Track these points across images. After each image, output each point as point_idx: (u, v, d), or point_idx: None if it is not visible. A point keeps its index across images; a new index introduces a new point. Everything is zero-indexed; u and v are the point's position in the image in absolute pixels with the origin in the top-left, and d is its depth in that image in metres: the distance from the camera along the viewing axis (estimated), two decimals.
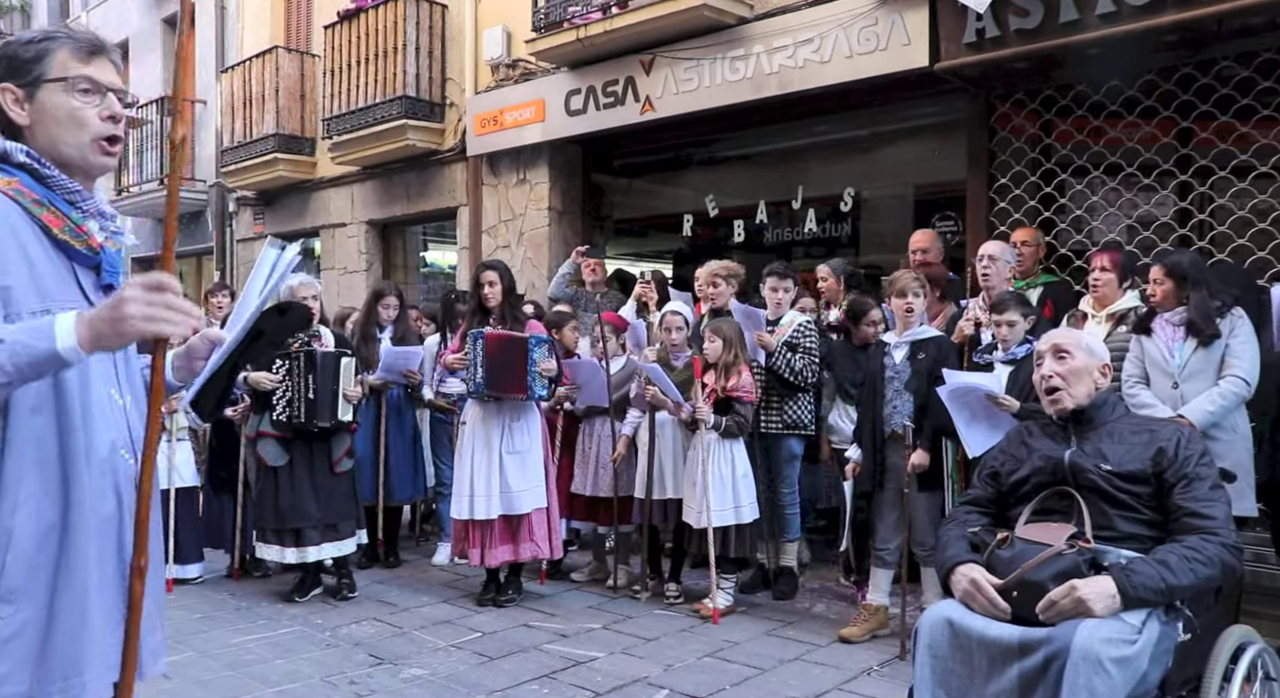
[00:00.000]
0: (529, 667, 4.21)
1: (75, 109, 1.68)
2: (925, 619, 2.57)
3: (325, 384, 5.19)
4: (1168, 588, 2.33)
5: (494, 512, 5.09)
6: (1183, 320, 4.03)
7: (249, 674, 4.14)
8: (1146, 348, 4.12)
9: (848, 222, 7.20)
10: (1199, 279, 4.03)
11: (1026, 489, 2.77)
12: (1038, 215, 5.72)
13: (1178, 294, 4.06)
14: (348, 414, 5.31)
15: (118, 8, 14.23)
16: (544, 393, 5.09)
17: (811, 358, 5.24)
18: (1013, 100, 5.83)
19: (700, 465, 4.89)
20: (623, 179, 8.72)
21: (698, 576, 5.52)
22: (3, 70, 1.67)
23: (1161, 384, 4.05)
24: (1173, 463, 2.55)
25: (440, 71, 8.92)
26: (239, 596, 5.47)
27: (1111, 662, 2.19)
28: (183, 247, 13.01)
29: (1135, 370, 4.15)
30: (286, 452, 5.27)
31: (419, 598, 5.39)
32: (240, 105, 10.72)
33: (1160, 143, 5.30)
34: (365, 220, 10.07)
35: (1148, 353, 4.12)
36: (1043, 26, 5.05)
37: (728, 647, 4.47)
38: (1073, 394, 2.77)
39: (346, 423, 5.33)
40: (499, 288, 5.16)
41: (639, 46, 7.08)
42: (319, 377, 5.17)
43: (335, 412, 5.23)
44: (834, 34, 6.05)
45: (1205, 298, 3.99)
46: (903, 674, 4.02)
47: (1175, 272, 4.06)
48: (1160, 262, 4.16)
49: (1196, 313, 3.98)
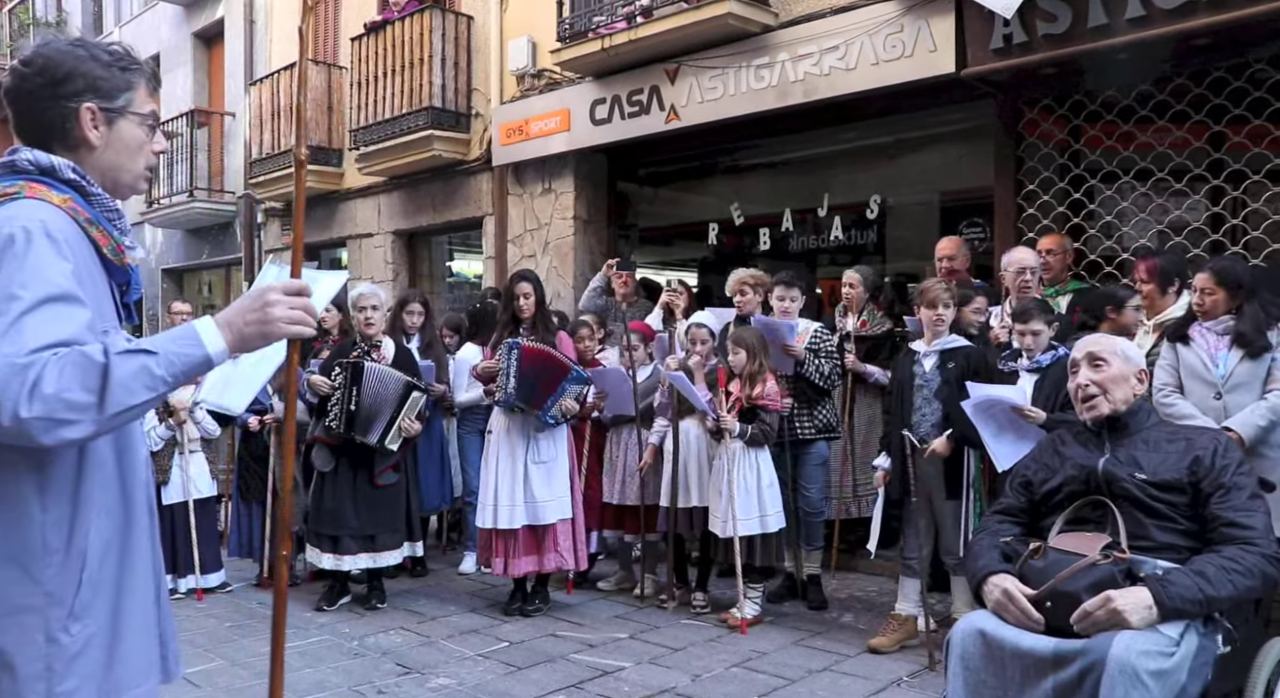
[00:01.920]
0: (556, 677, 4.20)
1: (143, 142, 1.75)
2: (957, 630, 2.54)
3: (372, 401, 5.17)
4: (1206, 600, 2.29)
5: (518, 521, 5.10)
6: (1228, 330, 3.88)
7: None
8: (1183, 356, 3.98)
9: (874, 229, 7.17)
10: (1253, 288, 3.87)
11: (1059, 498, 2.73)
12: (1066, 221, 5.66)
13: (1228, 303, 3.90)
14: (396, 443, 5.28)
15: (149, 22, 14.45)
16: (551, 422, 5.11)
17: (834, 362, 5.30)
18: (1040, 106, 5.79)
19: (726, 475, 4.88)
20: (648, 188, 8.73)
21: (724, 585, 5.49)
22: (85, 86, 1.68)
23: (1202, 394, 3.90)
24: (1210, 472, 2.51)
25: (466, 82, 8.98)
26: (268, 605, 5.49)
27: (1149, 674, 2.16)
28: (211, 258, 13.18)
29: (1169, 379, 4.00)
30: (333, 458, 5.30)
31: (446, 607, 5.40)
32: (269, 117, 10.84)
33: (1192, 147, 5.23)
34: (391, 230, 10.14)
35: (1185, 361, 3.97)
36: (1071, 31, 5.01)
37: (756, 657, 4.45)
38: (1110, 400, 2.73)
39: (391, 451, 5.29)
40: (533, 299, 5.20)
41: (664, 56, 7.09)
42: (364, 390, 5.17)
43: (383, 435, 5.20)
44: (860, 41, 6.03)
45: (1259, 309, 3.83)
46: (933, 685, 3.99)
47: (1228, 280, 3.89)
48: (1209, 269, 3.97)
49: (1250, 324, 3.82)
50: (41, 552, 1.54)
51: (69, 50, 1.69)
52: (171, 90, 13.80)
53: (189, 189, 12.37)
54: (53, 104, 1.66)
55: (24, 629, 1.52)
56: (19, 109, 1.69)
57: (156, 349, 1.49)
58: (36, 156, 1.65)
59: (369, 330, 5.38)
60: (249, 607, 5.45)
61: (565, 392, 5.04)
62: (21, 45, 16.74)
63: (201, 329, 1.55)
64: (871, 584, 5.79)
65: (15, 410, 1.39)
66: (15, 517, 1.53)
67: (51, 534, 1.55)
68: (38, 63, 1.67)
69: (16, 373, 1.40)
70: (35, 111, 1.67)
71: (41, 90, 1.66)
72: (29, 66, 1.67)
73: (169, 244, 14.09)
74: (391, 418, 5.22)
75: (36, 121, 1.68)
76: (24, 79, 1.67)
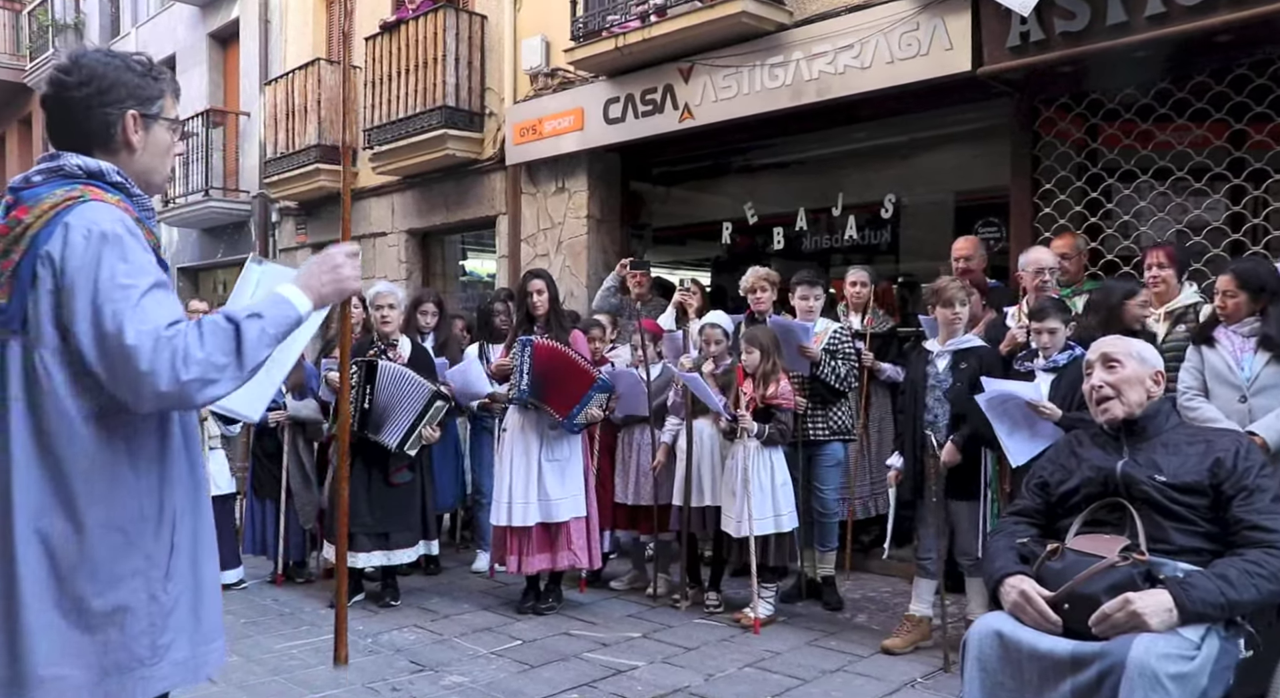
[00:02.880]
0: (569, 675, 4.20)
1: (170, 145, 1.93)
2: (974, 631, 2.52)
3: (386, 400, 5.18)
4: (1228, 603, 2.26)
5: (532, 519, 5.10)
6: (1254, 332, 3.82)
7: (292, 679, 4.17)
8: (1209, 359, 3.92)
9: (888, 229, 7.14)
10: (1276, 290, 3.80)
11: (1076, 500, 2.70)
12: (1083, 221, 5.62)
13: (1250, 306, 3.84)
14: (414, 449, 5.27)
15: (165, 23, 14.53)
16: (577, 430, 5.15)
17: (851, 363, 5.27)
18: (1057, 104, 5.75)
19: (740, 474, 4.86)
20: (661, 187, 8.72)
21: (738, 585, 5.48)
22: (127, 94, 1.83)
23: (1226, 397, 3.84)
24: (1231, 474, 2.47)
25: (480, 81, 8.98)
26: (282, 601, 5.52)
27: (1169, 678, 2.13)
28: (226, 257, 13.24)
29: (1194, 382, 3.94)
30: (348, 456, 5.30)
31: (459, 605, 5.41)
32: (283, 117, 10.88)
33: (1212, 145, 5.18)
34: (405, 229, 10.16)
35: (1210, 364, 3.91)
36: (1089, 29, 4.97)
37: (769, 657, 4.43)
38: (1125, 403, 2.70)
39: (406, 457, 5.28)
40: (546, 297, 5.20)
41: (678, 54, 7.08)
42: (377, 389, 5.17)
43: (404, 440, 5.20)
44: (875, 40, 6.00)
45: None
46: (947, 687, 3.96)
47: (1251, 283, 3.82)
48: (1231, 272, 3.90)
49: (1276, 326, 3.75)
50: (139, 519, 1.75)
51: (108, 61, 1.83)
52: (187, 90, 13.84)
53: (204, 188, 12.43)
54: (98, 111, 1.81)
55: (131, 590, 1.73)
56: (61, 116, 1.83)
57: (263, 313, 1.73)
58: (85, 162, 1.79)
59: (385, 329, 5.39)
60: (263, 604, 5.46)
61: (591, 400, 5.06)
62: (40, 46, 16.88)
63: (289, 294, 1.80)
64: (885, 585, 5.77)
65: (176, 375, 1.62)
66: (116, 490, 1.72)
67: (146, 503, 1.76)
68: (82, 72, 1.80)
69: (165, 344, 1.62)
70: (79, 118, 1.81)
71: (89, 98, 1.80)
72: (72, 76, 1.80)
73: (184, 243, 14.16)
74: (414, 424, 5.21)
75: (80, 128, 1.81)
76: (68, 88, 1.80)
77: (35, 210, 1.72)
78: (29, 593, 1.67)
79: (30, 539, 1.67)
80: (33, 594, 1.67)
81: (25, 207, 1.74)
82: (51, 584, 1.68)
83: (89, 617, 1.69)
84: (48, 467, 1.69)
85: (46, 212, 1.71)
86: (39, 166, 1.80)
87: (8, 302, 1.70)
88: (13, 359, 1.71)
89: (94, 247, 1.67)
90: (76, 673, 1.68)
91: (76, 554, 1.69)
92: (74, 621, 1.69)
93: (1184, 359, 4.03)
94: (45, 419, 1.68)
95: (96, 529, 1.70)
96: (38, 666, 1.66)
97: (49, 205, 1.72)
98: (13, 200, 1.78)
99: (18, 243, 1.71)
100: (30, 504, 1.68)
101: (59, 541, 1.68)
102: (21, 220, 1.72)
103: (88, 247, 1.67)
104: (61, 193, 1.74)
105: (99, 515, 1.70)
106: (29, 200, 1.75)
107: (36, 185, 1.77)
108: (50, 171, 1.78)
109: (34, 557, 1.67)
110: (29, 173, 1.81)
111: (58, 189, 1.75)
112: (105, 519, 1.71)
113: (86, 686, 1.69)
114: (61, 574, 1.69)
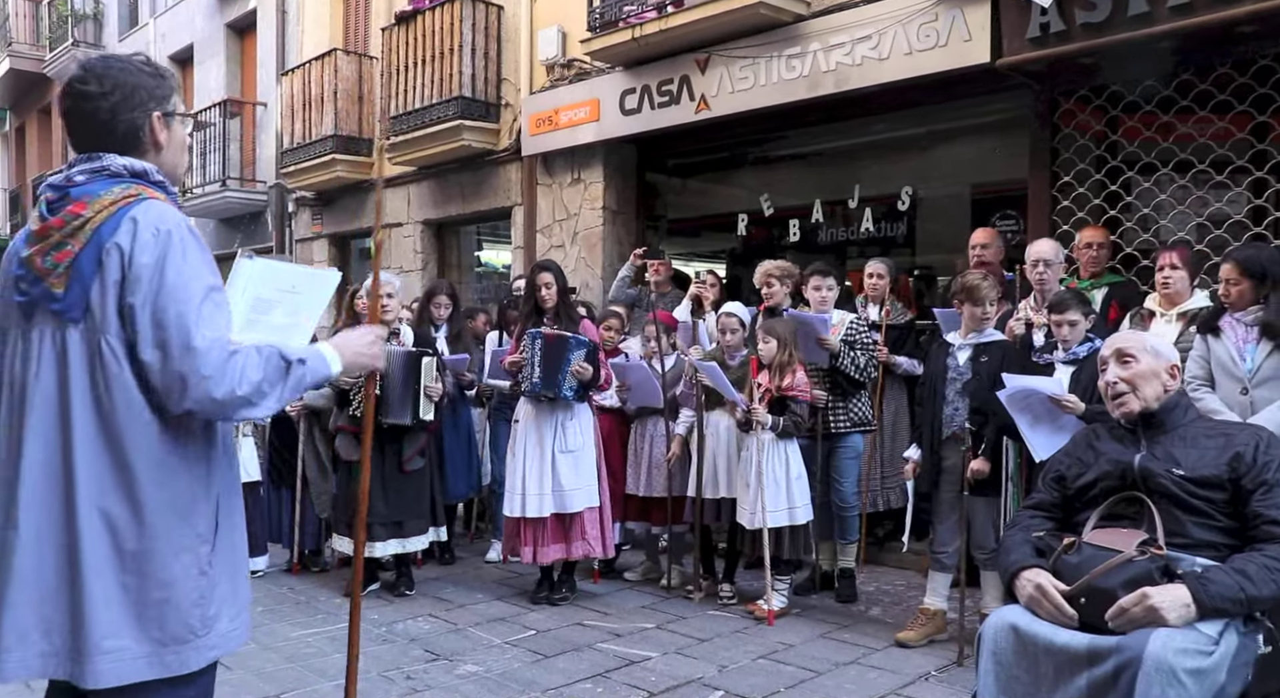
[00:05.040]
0: (583, 666, 4.21)
1: (185, 139, 2.03)
2: (989, 625, 2.51)
3: (396, 383, 5.20)
4: (1247, 599, 2.25)
5: (546, 510, 5.11)
6: (1256, 321, 3.77)
7: (308, 667, 4.20)
8: (1214, 349, 3.87)
9: (904, 221, 7.10)
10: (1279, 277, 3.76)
11: (1094, 494, 2.69)
12: (1102, 214, 5.57)
13: (1254, 293, 3.79)
14: (429, 413, 5.30)
15: (183, 14, 14.58)
16: (570, 395, 5.09)
17: (870, 354, 5.25)
18: (1077, 96, 5.69)
19: (754, 466, 4.86)
20: (677, 179, 8.70)
21: (751, 577, 5.49)
22: (149, 96, 1.91)
23: (1229, 389, 3.79)
24: (1251, 468, 2.46)
25: (496, 72, 8.98)
26: (298, 590, 5.56)
27: (1187, 673, 2.12)
28: (243, 247, 13.30)
29: (1200, 372, 3.88)
30: (359, 446, 5.33)
31: (474, 595, 5.43)
32: (300, 107, 10.91)
33: (1234, 138, 5.12)
34: (421, 220, 10.18)
35: (1214, 354, 3.86)
36: (1111, 19, 4.91)
37: (782, 649, 4.43)
38: (1140, 397, 2.68)
39: (427, 422, 5.32)
40: (555, 289, 5.21)
41: (694, 45, 7.05)
42: (388, 375, 5.20)
43: (416, 410, 5.23)
44: (892, 31, 5.96)
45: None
46: (961, 680, 3.96)
47: (1252, 269, 3.77)
48: (1233, 258, 3.86)
49: (1277, 314, 3.70)
50: (190, 500, 1.86)
51: (124, 66, 1.91)
52: (205, 81, 13.93)
53: (222, 179, 12.50)
54: (124, 117, 1.88)
55: (184, 566, 1.84)
56: (85, 124, 1.89)
57: (308, 362, 1.91)
58: (131, 163, 1.88)
59: (385, 317, 5.41)
60: (280, 592, 5.50)
61: (570, 361, 5.02)
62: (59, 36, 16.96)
63: (329, 355, 1.97)
64: (899, 578, 5.76)
65: (232, 388, 1.77)
66: (173, 472, 1.83)
67: (197, 484, 1.87)
68: (104, 82, 1.87)
69: (231, 357, 1.77)
70: (106, 125, 1.88)
71: (115, 106, 1.87)
72: (92, 85, 1.86)
73: (201, 233, 14.04)
74: (415, 392, 5.23)
75: (107, 134, 1.88)
76: (90, 98, 1.87)
77: (95, 205, 1.80)
78: (91, 569, 1.76)
79: (93, 518, 1.77)
80: (95, 571, 1.77)
81: (82, 202, 1.81)
82: (113, 561, 1.78)
83: (147, 591, 1.80)
84: (111, 449, 1.78)
85: (108, 206, 1.80)
86: (80, 167, 1.86)
87: (64, 291, 1.78)
88: (73, 346, 1.78)
89: (161, 244, 1.77)
90: (134, 644, 1.79)
91: (136, 533, 1.79)
92: (133, 595, 1.79)
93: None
94: (111, 404, 1.77)
95: (155, 510, 1.80)
96: (101, 637, 1.76)
97: (110, 201, 1.80)
98: (55, 197, 1.84)
99: (75, 235, 1.78)
100: (93, 485, 1.77)
101: (120, 521, 1.78)
102: (80, 215, 1.79)
103: (156, 243, 1.77)
104: (119, 190, 1.83)
105: (157, 497, 1.81)
106: (84, 196, 1.82)
107: (83, 184, 1.84)
108: (93, 172, 1.85)
109: (96, 535, 1.77)
110: (69, 172, 1.87)
111: (114, 187, 1.83)
112: (163, 500, 1.81)
113: (144, 656, 1.79)
114: (122, 552, 1.78)
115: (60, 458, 1.78)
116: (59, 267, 1.78)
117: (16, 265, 1.85)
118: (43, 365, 1.80)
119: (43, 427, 1.79)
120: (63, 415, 1.78)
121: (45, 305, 1.80)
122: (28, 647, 1.76)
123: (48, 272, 1.79)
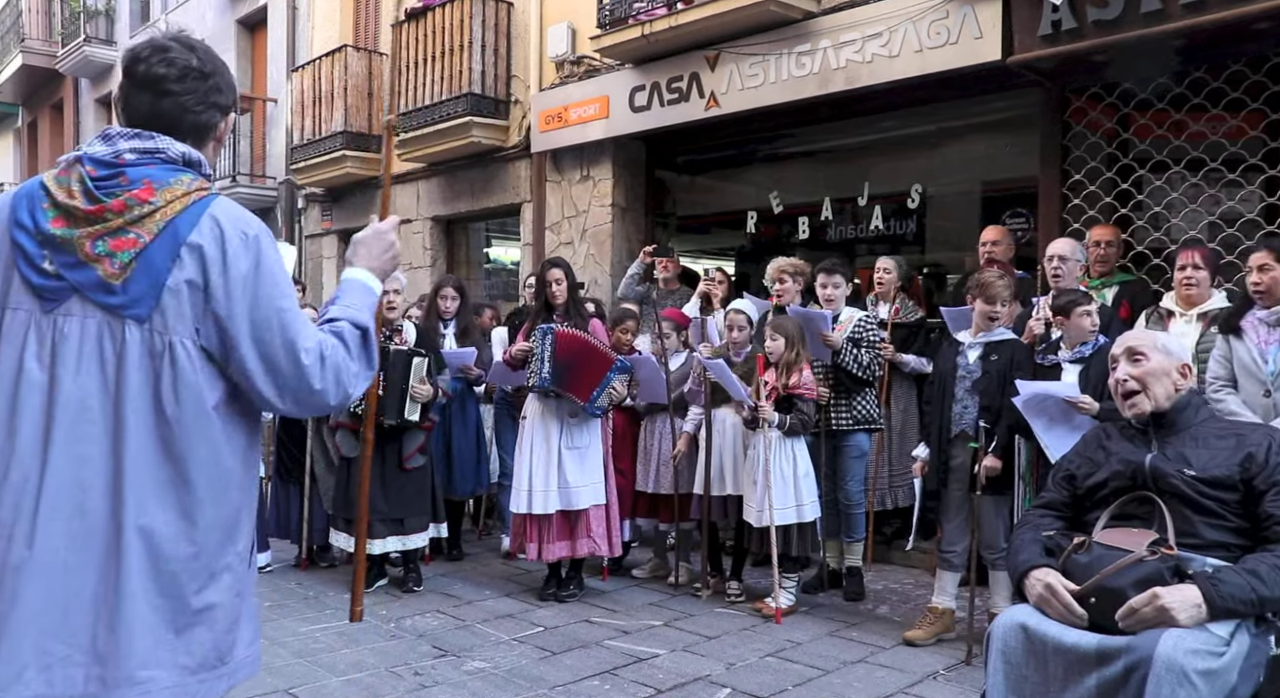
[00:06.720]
0: (590, 663, 4.22)
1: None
2: (999, 624, 2.50)
3: (395, 382, 5.21)
4: (1259, 600, 2.24)
5: (552, 507, 5.12)
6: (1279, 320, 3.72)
7: (316, 663, 4.21)
8: (1235, 350, 3.80)
9: (914, 219, 7.08)
10: None
11: (1104, 494, 2.68)
12: (1113, 212, 5.55)
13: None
14: (414, 414, 5.30)
15: (195, 9, 14.62)
16: (598, 413, 5.14)
17: (876, 352, 5.24)
18: (1088, 94, 5.67)
19: (761, 464, 4.85)
20: (686, 176, 8.70)
21: (759, 574, 5.48)
22: (231, 94, 1.81)
23: (1252, 391, 3.72)
24: (1263, 469, 2.44)
25: (505, 69, 8.98)
26: (306, 585, 5.57)
27: (1198, 674, 2.11)
28: None
29: (1222, 372, 3.83)
30: (358, 444, 5.34)
31: (481, 592, 5.44)
32: (310, 103, 10.92)
33: (1247, 137, 5.10)
34: (430, 217, 10.19)
35: (1236, 355, 3.79)
36: (1123, 17, 4.89)
37: (790, 647, 4.43)
38: (1151, 397, 2.66)
39: (414, 422, 5.33)
40: (565, 286, 5.22)
41: (704, 42, 7.04)
42: (389, 373, 5.21)
43: (401, 410, 5.24)
44: (903, 28, 5.94)
45: None
46: (969, 679, 3.95)
47: None
48: (1267, 246, 3.75)
49: None
50: (237, 515, 1.73)
51: (219, 58, 1.79)
52: None
53: (232, 174, 12.52)
54: (210, 107, 1.76)
55: (224, 587, 1.70)
56: (163, 101, 1.70)
57: (361, 304, 1.82)
58: (189, 152, 1.72)
59: (389, 314, 5.42)
60: (288, 587, 5.52)
61: (611, 382, 5.06)
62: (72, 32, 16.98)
63: (365, 278, 1.88)
64: (907, 577, 5.75)
65: (342, 391, 1.72)
66: (228, 487, 1.70)
67: (244, 499, 1.75)
68: (208, 65, 1.74)
69: (329, 364, 1.69)
70: (189, 108, 1.72)
71: (209, 92, 1.74)
72: (201, 65, 1.72)
73: None
74: (401, 392, 5.23)
75: (181, 115, 1.72)
76: (190, 75, 1.71)
77: (165, 193, 1.62)
78: (134, 595, 1.59)
79: (137, 537, 1.59)
80: (137, 595, 1.59)
81: (149, 187, 1.62)
82: (155, 584, 1.61)
83: (184, 616, 1.64)
84: (170, 462, 1.62)
85: (180, 197, 1.63)
86: (130, 144, 1.66)
87: (125, 284, 1.58)
88: (133, 346, 1.59)
89: (253, 251, 1.65)
90: (164, 674, 1.62)
91: (183, 552, 1.63)
92: (169, 621, 1.62)
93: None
94: (179, 411, 1.61)
95: (207, 527, 1.66)
96: (137, 667, 1.58)
97: (182, 192, 1.64)
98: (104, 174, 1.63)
99: (141, 224, 1.60)
100: (144, 501, 1.60)
101: (167, 540, 1.61)
102: (149, 202, 1.61)
103: (246, 249, 1.64)
104: (189, 180, 1.67)
105: (213, 513, 1.67)
106: (148, 180, 1.63)
107: (136, 164, 1.65)
108: (145, 152, 1.66)
109: (138, 556, 1.59)
110: (116, 148, 1.65)
111: (181, 175, 1.67)
112: (217, 517, 1.67)
113: (170, 687, 1.62)
114: (165, 574, 1.62)
115: (106, 470, 1.58)
116: (118, 255, 1.58)
117: (30, 239, 1.61)
118: (83, 364, 1.58)
119: (81, 433, 1.57)
120: (112, 422, 1.58)
121: (93, 296, 1.58)
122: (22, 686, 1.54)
123: (99, 258, 1.58)
